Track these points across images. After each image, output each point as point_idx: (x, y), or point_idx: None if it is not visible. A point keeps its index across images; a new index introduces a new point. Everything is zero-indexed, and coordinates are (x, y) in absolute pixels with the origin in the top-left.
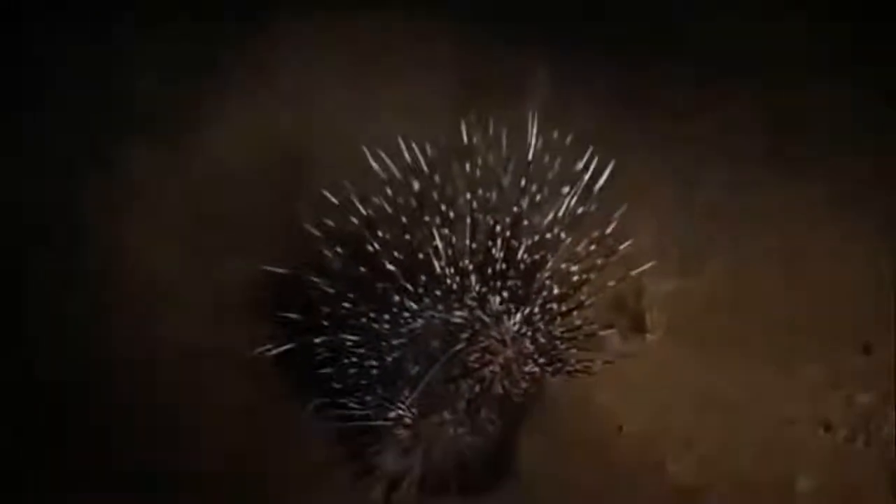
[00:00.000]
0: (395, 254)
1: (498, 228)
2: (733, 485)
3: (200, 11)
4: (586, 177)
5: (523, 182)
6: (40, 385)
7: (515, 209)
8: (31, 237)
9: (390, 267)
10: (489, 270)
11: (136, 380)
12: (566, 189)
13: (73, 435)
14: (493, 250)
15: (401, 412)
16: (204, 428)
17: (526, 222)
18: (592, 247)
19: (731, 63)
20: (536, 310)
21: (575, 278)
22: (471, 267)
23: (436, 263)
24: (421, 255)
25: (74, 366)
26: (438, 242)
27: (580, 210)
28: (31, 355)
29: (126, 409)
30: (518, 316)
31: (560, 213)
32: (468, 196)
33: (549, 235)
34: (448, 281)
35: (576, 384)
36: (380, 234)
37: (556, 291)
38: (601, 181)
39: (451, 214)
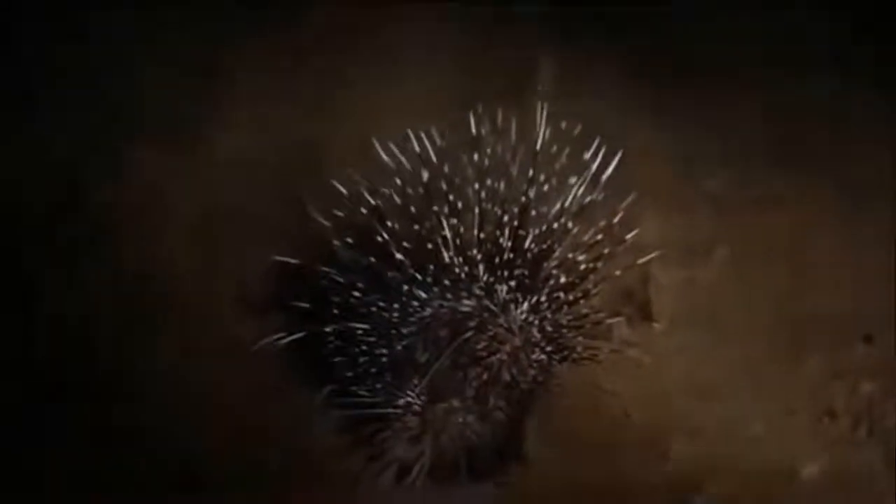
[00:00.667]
0: (404, 244)
1: (506, 218)
2: (737, 473)
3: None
4: (594, 167)
5: (531, 172)
6: (41, 385)
7: (523, 199)
8: (31, 237)
9: (399, 256)
10: (497, 260)
11: (138, 379)
12: (573, 179)
13: (73, 435)
14: (501, 240)
15: (410, 399)
16: (209, 424)
17: (533, 212)
18: (599, 236)
19: (733, 59)
20: (544, 298)
21: (582, 267)
22: (479, 256)
23: (444, 253)
24: (429, 245)
25: (75, 366)
26: (447, 232)
27: (587, 200)
28: (31, 355)
29: (128, 407)
30: (525, 305)
31: (567, 203)
32: (476, 186)
33: (556, 225)
34: (456, 270)
35: (582, 372)
36: (389, 224)
37: (563, 280)
38: (608, 171)
39: (460, 204)
